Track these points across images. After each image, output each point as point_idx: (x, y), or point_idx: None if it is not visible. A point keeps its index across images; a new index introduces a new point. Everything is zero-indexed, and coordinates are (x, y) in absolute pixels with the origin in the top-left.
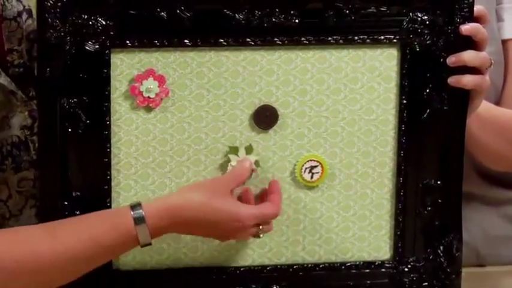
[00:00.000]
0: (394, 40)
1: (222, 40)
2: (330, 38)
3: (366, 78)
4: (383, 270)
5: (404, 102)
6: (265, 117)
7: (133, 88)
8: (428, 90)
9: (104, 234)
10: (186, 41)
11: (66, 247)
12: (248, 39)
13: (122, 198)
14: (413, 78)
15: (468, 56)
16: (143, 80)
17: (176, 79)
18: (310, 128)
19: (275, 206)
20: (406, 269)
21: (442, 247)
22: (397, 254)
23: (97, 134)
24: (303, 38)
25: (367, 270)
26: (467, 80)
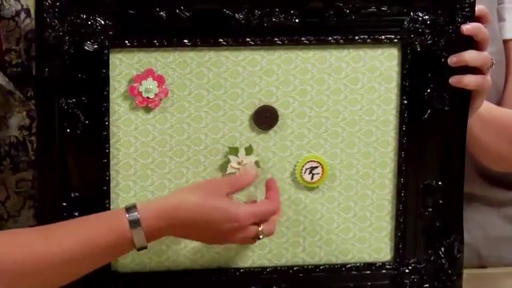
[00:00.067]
0: (395, 40)
1: (221, 40)
2: (330, 38)
3: (367, 78)
4: (384, 271)
5: (405, 102)
6: (265, 118)
7: (132, 88)
8: (429, 91)
9: (100, 236)
10: (185, 41)
11: (63, 249)
12: (248, 39)
13: (121, 199)
14: (414, 79)
15: (469, 56)
16: (142, 80)
17: (175, 79)
18: (310, 129)
19: (272, 202)
20: (407, 270)
21: (443, 248)
22: (397, 256)
23: (96, 135)
24: (303, 38)
25: (368, 272)
26: (468, 80)
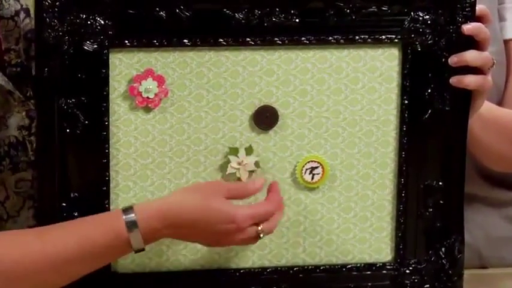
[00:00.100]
0: (396, 40)
1: (221, 40)
2: (330, 38)
3: (367, 78)
4: (384, 272)
5: (406, 102)
6: (265, 118)
7: (132, 88)
8: (429, 91)
9: (98, 237)
10: (185, 40)
11: (60, 250)
12: (248, 39)
13: (121, 200)
14: (414, 78)
15: (470, 56)
16: (142, 80)
17: (175, 79)
18: (310, 129)
19: (271, 203)
20: (407, 271)
21: (443, 249)
22: (398, 256)
23: (95, 135)
24: (303, 38)
25: (368, 272)
26: (469, 80)
